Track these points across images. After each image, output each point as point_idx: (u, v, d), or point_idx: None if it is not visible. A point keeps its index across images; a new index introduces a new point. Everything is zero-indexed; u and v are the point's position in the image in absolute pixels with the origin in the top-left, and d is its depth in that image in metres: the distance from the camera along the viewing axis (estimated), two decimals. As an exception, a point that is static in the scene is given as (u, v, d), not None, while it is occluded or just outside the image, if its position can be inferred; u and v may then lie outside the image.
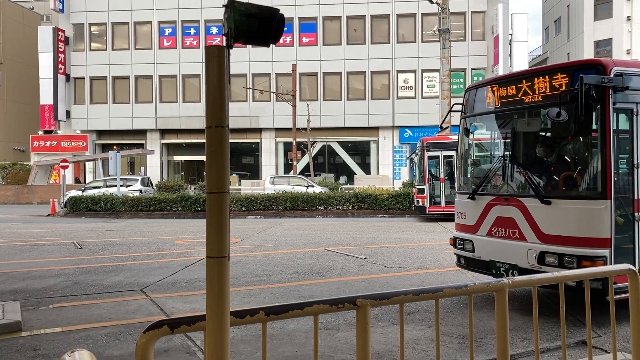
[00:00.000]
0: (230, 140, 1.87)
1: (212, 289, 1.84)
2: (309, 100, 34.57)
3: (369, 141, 36.32)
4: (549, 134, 6.56)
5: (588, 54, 34.49)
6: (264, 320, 2.31)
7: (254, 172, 37.46)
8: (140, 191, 25.84)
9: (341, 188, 27.88)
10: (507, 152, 6.92)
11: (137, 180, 27.88)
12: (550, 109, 5.62)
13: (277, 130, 36.22)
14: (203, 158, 37.88)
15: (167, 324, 2.11)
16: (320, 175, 34.58)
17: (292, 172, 31.67)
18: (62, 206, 23.70)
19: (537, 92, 6.14)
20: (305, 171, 33.81)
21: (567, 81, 5.78)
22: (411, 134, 35.29)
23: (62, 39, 36.31)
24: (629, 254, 5.70)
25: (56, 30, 35.99)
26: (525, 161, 6.82)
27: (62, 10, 36.63)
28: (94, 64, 37.11)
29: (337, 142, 36.58)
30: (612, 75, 5.66)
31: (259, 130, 36.52)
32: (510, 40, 34.36)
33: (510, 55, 34.13)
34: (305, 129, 31.58)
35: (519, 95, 6.38)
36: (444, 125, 7.68)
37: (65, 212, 23.21)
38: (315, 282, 8.14)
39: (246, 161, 38.36)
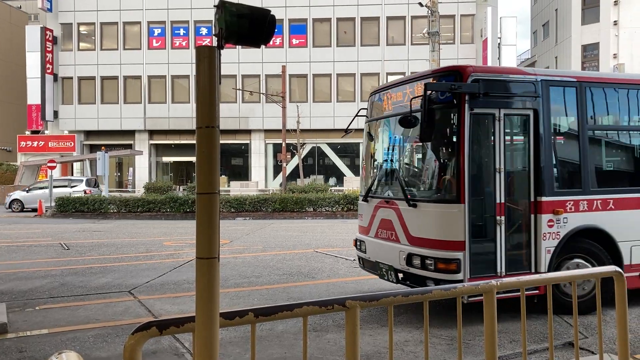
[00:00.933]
0: (220, 142, 1.87)
1: (201, 290, 1.83)
2: (299, 101, 34.56)
3: (359, 143, 36.37)
4: (417, 140, 6.70)
5: (576, 57, 34.82)
6: (253, 322, 2.31)
7: (243, 173, 37.37)
8: (85, 192, 25.72)
9: (330, 190, 27.88)
10: (388, 157, 7.24)
11: (82, 180, 27.76)
12: (402, 116, 5.95)
13: (267, 131, 36.17)
14: (192, 159, 37.72)
15: (155, 325, 2.10)
16: (309, 176, 34.59)
17: (281, 174, 31.64)
18: (49, 208, 23.52)
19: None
20: (294, 173, 33.79)
21: None
22: (400, 136, 35.37)
23: (50, 39, 36.01)
24: (489, 256, 5.88)
25: (44, 30, 35.69)
26: (399, 165, 7.10)
27: (50, 10, 36.34)
28: (83, 64, 36.84)
29: (327, 143, 36.59)
30: (468, 82, 5.82)
31: (248, 132, 36.44)
32: (499, 44, 34.60)
33: (499, 58, 34.36)
34: (294, 130, 31.56)
35: (405, 101, 6.56)
36: (349, 129, 8.06)
37: (52, 213, 23.03)
38: (305, 283, 8.14)
39: (235, 162, 38.25)
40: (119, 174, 38.12)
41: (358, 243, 7.33)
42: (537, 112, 6.16)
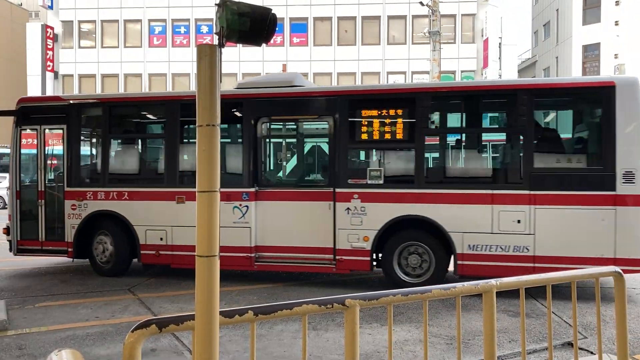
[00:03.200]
0: (221, 140, 1.87)
1: (201, 288, 1.83)
2: (299, 100, 34.53)
3: (359, 142, 36.35)
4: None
5: (576, 58, 34.79)
6: (253, 320, 2.31)
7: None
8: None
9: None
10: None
11: (5, 177, 27.63)
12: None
13: (267, 130, 36.16)
14: (192, 157, 37.72)
15: (155, 323, 2.10)
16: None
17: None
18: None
19: None
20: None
21: None
22: (401, 136, 35.37)
23: (51, 36, 35.99)
24: (33, 227, 8.67)
25: (45, 27, 35.67)
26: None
27: (51, 7, 36.33)
28: (83, 62, 36.83)
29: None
30: (18, 108, 8.73)
31: (248, 130, 36.45)
32: (500, 44, 34.59)
33: (499, 58, 34.36)
34: (295, 129, 31.56)
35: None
36: None
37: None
38: (305, 282, 8.14)
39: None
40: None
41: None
42: (69, 127, 8.53)
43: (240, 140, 8.28)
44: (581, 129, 7.78)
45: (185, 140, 8.73)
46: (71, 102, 8.64)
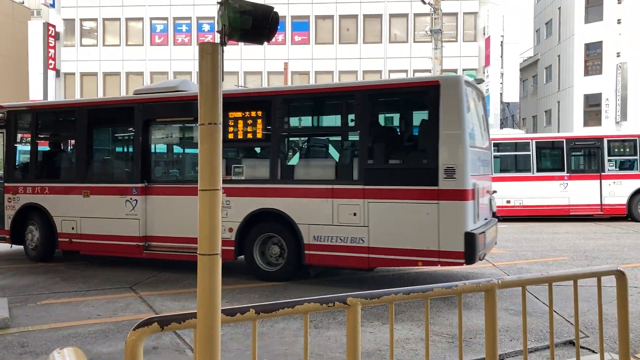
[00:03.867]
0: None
1: (203, 287, 1.83)
2: (301, 99, 34.54)
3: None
4: None
5: (579, 56, 34.72)
6: (254, 319, 2.31)
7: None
8: None
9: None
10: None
11: None
12: None
13: (269, 128, 36.17)
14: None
15: (157, 321, 2.10)
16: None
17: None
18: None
19: None
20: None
21: None
22: (402, 134, 35.36)
23: (53, 34, 36.02)
24: None
25: (46, 25, 35.69)
26: None
27: (52, 5, 36.35)
28: (85, 60, 36.85)
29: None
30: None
31: (250, 129, 36.44)
32: (502, 42, 34.54)
33: (501, 56, 34.31)
34: (296, 127, 31.55)
35: None
36: None
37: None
38: (306, 280, 8.14)
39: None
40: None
41: None
42: (7, 131, 9.96)
43: (133, 140, 9.18)
44: (410, 127, 8.10)
45: (91, 142, 9.70)
46: (8, 110, 10.07)
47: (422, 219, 6.98)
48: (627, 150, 17.81)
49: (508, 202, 17.87)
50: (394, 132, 8.35)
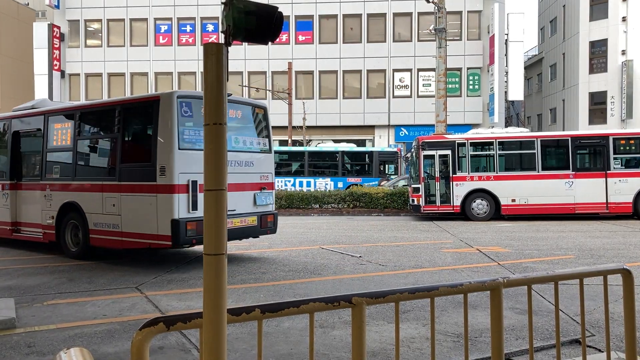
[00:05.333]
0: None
1: (209, 287, 1.84)
2: (305, 98, 34.56)
3: (365, 140, 36.35)
4: None
5: (583, 54, 34.60)
6: (260, 318, 2.31)
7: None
8: None
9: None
10: None
11: None
12: None
13: (273, 128, 36.10)
14: (198, 156, 37.77)
15: (162, 321, 2.11)
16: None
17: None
18: None
19: None
20: (300, 169, 33.77)
21: None
22: (407, 133, 35.35)
23: (58, 35, 36.15)
24: None
25: (51, 27, 35.83)
26: None
27: (57, 7, 36.48)
28: (90, 61, 36.99)
29: (333, 140, 36.59)
30: None
31: (254, 128, 36.45)
32: (506, 40, 34.45)
33: (505, 55, 34.22)
34: (301, 127, 31.56)
35: None
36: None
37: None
38: (311, 280, 8.15)
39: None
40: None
41: None
42: None
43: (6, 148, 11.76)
44: (145, 134, 9.67)
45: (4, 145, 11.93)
46: None
47: (148, 208, 8.76)
48: (633, 148, 17.74)
49: (513, 200, 17.83)
50: (135, 138, 9.97)
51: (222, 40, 1.82)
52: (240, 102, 10.68)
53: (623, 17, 32.97)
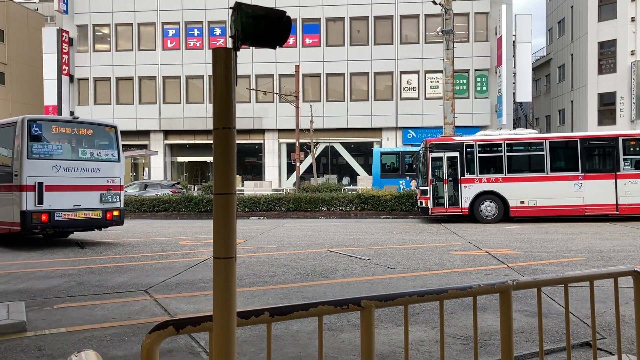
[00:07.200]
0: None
1: (218, 290, 1.84)
2: (312, 101, 34.59)
3: (372, 142, 36.33)
4: None
5: (592, 55, 34.43)
6: (269, 321, 2.32)
7: (257, 173, 37.49)
8: None
9: (344, 189, 27.88)
10: None
11: None
12: None
13: (280, 131, 36.26)
14: (206, 159, 37.90)
15: (172, 324, 2.11)
16: (323, 176, 34.60)
17: (294, 174, 31.66)
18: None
19: None
20: (308, 172, 33.83)
21: None
22: (414, 135, 35.28)
23: (66, 40, 36.40)
24: None
25: (60, 32, 36.09)
26: None
27: (66, 12, 36.74)
28: (98, 65, 37.22)
29: (340, 143, 36.60)
30: None
31: (262, 131, 36.56)
32: (514, 42, 34.33)
33: (513, 56, 34.10)
34: (308, 130, 31.60)
35: None
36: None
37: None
38: (319, 283, 8.15)
39: (249, 162, 38.40)
40: (134, 173, 38.45)
41: None
42: None
43: None
44: (10, 147, 12.03)
45: None
46: None
47: (9, 202, 11.67)
48: (643, 149, 17.61)
49: (522, 202, 17.76)
50: (5, 151, 12.25)
51: (230, 44, 1.83)
52: (92, 123, 13.41)
53: (632, 17, 32.77)
